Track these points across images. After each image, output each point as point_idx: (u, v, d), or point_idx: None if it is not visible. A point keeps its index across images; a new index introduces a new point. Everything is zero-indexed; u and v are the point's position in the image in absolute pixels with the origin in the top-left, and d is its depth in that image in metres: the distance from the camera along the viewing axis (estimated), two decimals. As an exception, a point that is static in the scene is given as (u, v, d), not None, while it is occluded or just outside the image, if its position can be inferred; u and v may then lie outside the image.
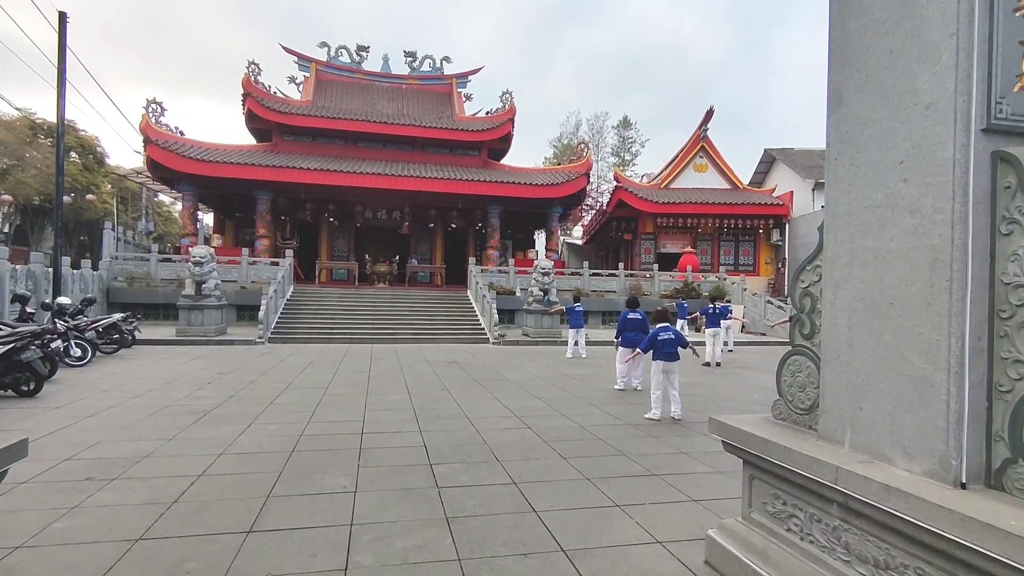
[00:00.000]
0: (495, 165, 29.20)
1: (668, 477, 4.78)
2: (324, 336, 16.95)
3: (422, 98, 31.96)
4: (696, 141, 30.65)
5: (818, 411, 2.86)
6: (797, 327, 3.05)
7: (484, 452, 5.41)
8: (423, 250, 29.95)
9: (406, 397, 8.22)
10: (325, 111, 26.60)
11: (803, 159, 32.06)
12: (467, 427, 6.44)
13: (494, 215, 27.21)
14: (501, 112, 29.02)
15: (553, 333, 18.12)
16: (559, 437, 6.06)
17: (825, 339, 2.72)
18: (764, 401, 8.53)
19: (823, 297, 2.76)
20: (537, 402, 8.08)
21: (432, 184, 24.76)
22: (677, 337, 7.34)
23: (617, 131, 56.86)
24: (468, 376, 10.51)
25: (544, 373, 11.14)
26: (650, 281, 24.76)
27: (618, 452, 5.51)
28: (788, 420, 3.07)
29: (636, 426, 6.68)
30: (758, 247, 29.93)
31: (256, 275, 20.83)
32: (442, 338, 17.83)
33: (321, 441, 5.69)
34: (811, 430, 2.89)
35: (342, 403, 7.67)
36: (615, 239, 32.89)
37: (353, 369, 11.12)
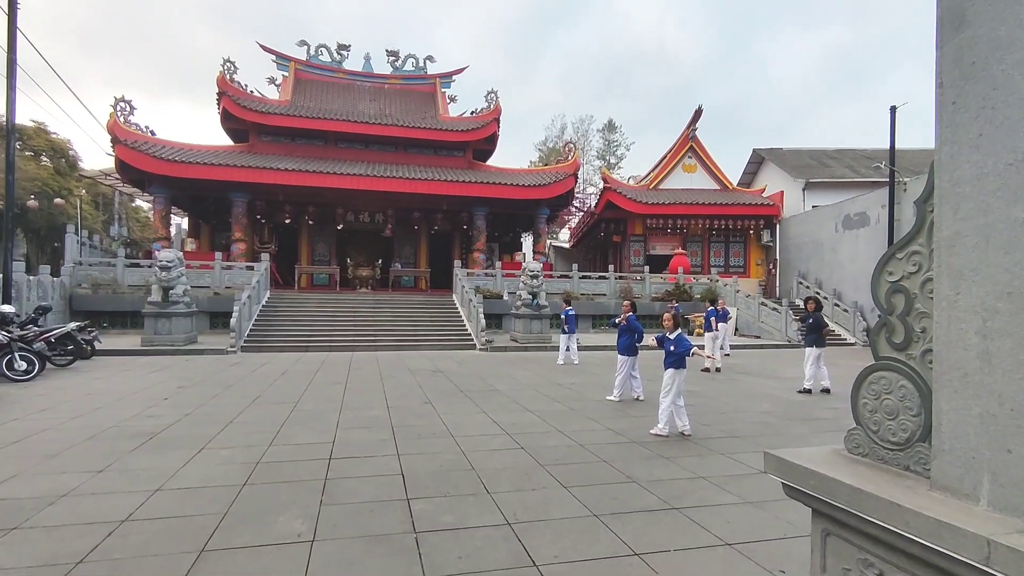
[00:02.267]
0: (480, 166, 28.45)
1: (690, 511, 4.03)
2: (301, 344, 16.03)
3: (405, 98, 31.13)
4: (685, 141, 30.15)
5: (919, 447, 2.14)
6: (883, 335, 2.32)
7: (472, 481, 4.63)
8: (407, 253, 29.09)
9: (384, 412, 7.40)
10: (304, 111, 25.68)
11: (793, 159, 31.72)
12: (452, 448, 5.65)
13: (480, 217, 26.43)
14: (486, 112, 28.29)
15: (543, 338, 17.37)
16: (558, 459, 5.29)
17: (940, 351, 1.99)
18: (777, 412, 7.85)
19: (935, 293, 2.03)
20: (530, 416, 7.30)
21: (416, 185, 23.93)
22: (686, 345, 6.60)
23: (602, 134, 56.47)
24: (453, 386, 9.71)
25: (536, 382, 10.37)
26: (641, 283, 24.12)
27: (628, 478, 4.76)
28: (872, 456, 2.34)
29: (643, 444, 5.93)
30: (748, 248, 29.45)
31: (231, 280, 19.83)
32: (427, 345, 17.00)
33: (281, 470, 4.87)
34: (909, 472, 2.16)
35: (312, 421, 6.83)
36: (603, 241, 32.26)
37: (329, 380, 10.27)
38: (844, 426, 7.17)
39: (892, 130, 19.38)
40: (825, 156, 32.75)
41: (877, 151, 32.03)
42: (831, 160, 32.05)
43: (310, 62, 30.82)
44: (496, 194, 24.79)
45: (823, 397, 9.15)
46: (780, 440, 6.19)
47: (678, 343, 6.53)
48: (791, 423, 7.14)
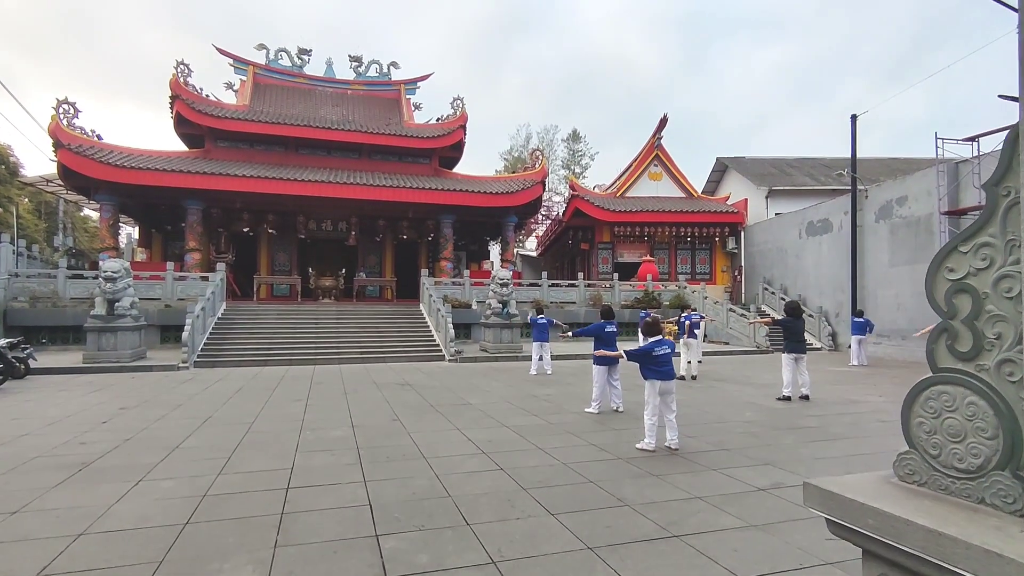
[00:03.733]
0: (447, 173, 27.96)
1: (692, 539, 3.64)
2: (259, 358, 15.19)
3: (369, 104, 30.47)
4: (650, 149, 30.34)
5: (997, 476, 1.79)
6: (944, 342, 1.98)
7: (448, 510, 4.15)
8: (372, 263, 28.30)
9: (349, 432, 6.84)
10: (263, 115, 24.77)
11: (755, 167, 32.26)
12: (424, 471, 5.15)
13: (447, 225, 25.91)
14: (452, 119, 27.86)
15: (514, 348, 16.94)
16: (541, 481, 4.85)
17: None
18: (761, 421, 7.60)
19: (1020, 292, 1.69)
20: (507, 432, 6.85)
21: (380, 192, 23.28)
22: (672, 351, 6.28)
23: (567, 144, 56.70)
24: (423, 401, 9.18)
25: (510, 394, 9.92)
26: (610, 291, 23.97)
27: (619, 501, 4.35)
28: (931, 486, 1.99)
29: (630, 461, 5.55)
30: (714, 255, 29.71)
31: (184, 292, 18.79)
32: (394, 357, 16.36)
33: (230, 504, 4.29)
34: (986, 506, 1.82)
35: (268, 444, 6.22)
36: (571, 249, 32.12)
37: (289, 397, 9.60)
38: (833, 435, 6.96)
39: (853, 138, 19.75)
40: (786, 164, 33.43)
41: (835, 159, 32.89)
42: (791, 168, 32.73)
43: (269, 66, 29.87)
44: (463, 202, 24.33)
45: (804, 404, 8.97)
46: (771, 452, 5.89)
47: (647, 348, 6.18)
48: (778, 433, 6.88)
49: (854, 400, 9.42)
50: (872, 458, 5.70)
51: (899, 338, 17.58)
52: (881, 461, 5.57)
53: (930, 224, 16.39)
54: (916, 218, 17.18)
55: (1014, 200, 1.80)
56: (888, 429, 7.13)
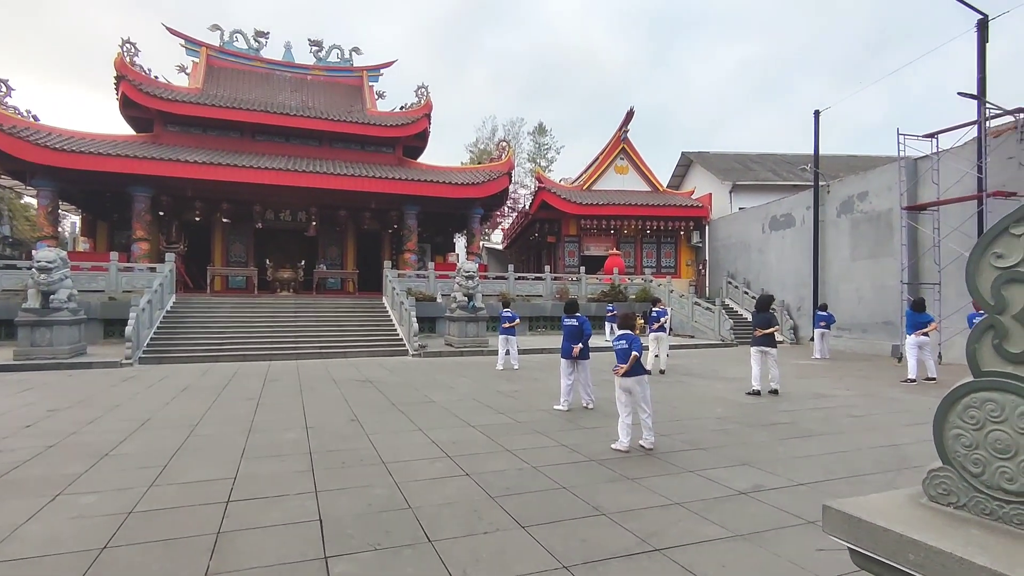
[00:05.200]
0: (411, 163, 27.27)
1: (676, 553, 3.34)
2: (211, 354, 14.40)
3: (330, 91, 29.46)
4: (617, 143, 30.25)
5: (1058, 499, 1.52)
6: (989, 342, 1.69)
7: (408, 525, 3.75)
8: (333, 254, 27.44)
9: (302, 435, 6.35)
10: (217, 100, 23.60)
11: (719, 162, 32.54)
12: (383, 479, 4.74)
13: (411, 216, 25.27)
14: (417, 107, 27.16)
15: (479, 342, 16.56)
16: (510, 488, 4.50)
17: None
18: (732, 417, 7.43)
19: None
20: (473, 432, 6.47)
21: (342, 182, 22.48)
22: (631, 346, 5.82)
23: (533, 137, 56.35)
24: (384, 399, 8.72)
25: (475, 391, 9.54)
26: (577, 284, 23.79)
27: (595, 510, 4.03)
28: (972, 509, 1.70)
29: (602, 463, 5.24)
30: (679, 249, 29.89)
31: (130, 283, 17.72)
32: (354, 352, 15.77)
33: (159, 523, 3.79)
34: (1043, 534, 1.54)
35: (211, 449, 5.69)
36: (538, 242, 31.85)
37: (239, 396, 9.00)
38: (806, 431, 6.82)
39: (816, 133, 19.98)
40: (749, 160, 33.85)
41: (797, 155, 33.46)
42: (754, 164, 33.16)
43: (224, 48, 28.54)
44: (428, 192, 23.74)
45: (773, 399, 8.87)
46: (747, 451, 5.68)
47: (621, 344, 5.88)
48: (751, 429, 6.70)
49: (822, 394, 9.39)
50: (851, 455, 5.55)
51: (860, 331, 17.90)
52: (861, 459, 5.42)
53: (890, 219, 16.68)
54: (877, 213, 17.47)
55: (1084, 172, 1.53)
56: (860, 424, 7.04)
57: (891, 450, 5.81)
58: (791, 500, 4.28)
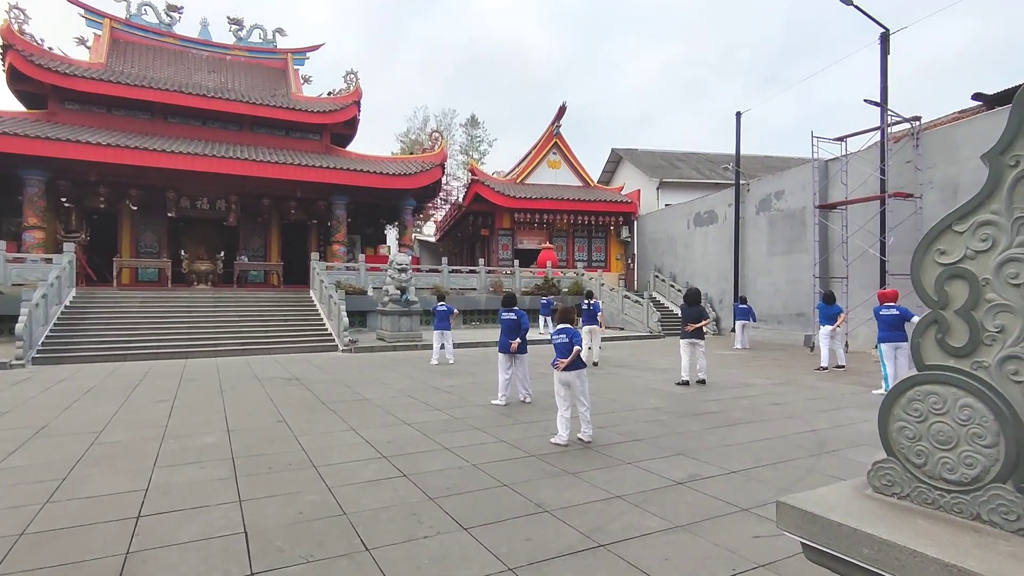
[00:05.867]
0: (340, 152, 26.32)
1: (620, 548, 3.34)
2: (119, 352, 13.31)
3: (252, 73, 27.91)
4: (549, 137, 30.51)
5: (996, 490, 1.56)
6: (932, 336, 1.73)
7: (343, 532, 3.55)
8: (255, 245, 26.08)
9: (224, 438, 5.93)
10: (124, 76, 21.79)
11: (647, 159, 33.53)
12: (314, 484, 4.48)
13: (340, 207, 24.43)
14: (346, 93, 26.22)
15: (413, 336, 16.24)
16: (450, 488, 4.37)
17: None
18: (665, 408, 7.62)
19: None
20: (409, 430, 6.28)
21: (265, 169, 21.37)
22: (572, 340, 5.86)
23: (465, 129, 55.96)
24: (314, 398, 8.34)
25: (410, 387, 9.31)
26: (511, 277, 23.83)
27: (537, 507, 3.97)
28: (916, 499, 1.74)
29: (543, 458, 5.21)
30: (609, 243, 30.59)
31: (22, 276, 16.09)
32: (280, 348, 15.05)
33: (57, 544, 3.39)
34: (983, 524, 1.59)
35: (119, 458, 5.20)
36: (471, 235, 31.69)
37: (151, 398, 8.33)
38: (734, 419, 7.09)
39: (738, 133, 20.92)
40: (674, 158, 35.09)
41: (718, 155, 35.01)
42: (680, 162, 34.42)
43: (131, 21, 26.37)
44: (358, 182, 23.01)
45: (702, 389, 9.20)
46: (681, 441, 5.83)
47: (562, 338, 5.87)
48: (684, 419, 6.89)
49: (746, 383, 9.83)
50: (776, 442, 5.80)
51: (776, 322, 18.96)
52: (785, 445, 5.67)
53: (804, 216, 17.74)
54: (792, 211, 18.53)
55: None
56: (781, 412, 7.40)
57: (811, 435, 6.12)
58: (725, 488, 4.40)
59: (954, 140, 13.51)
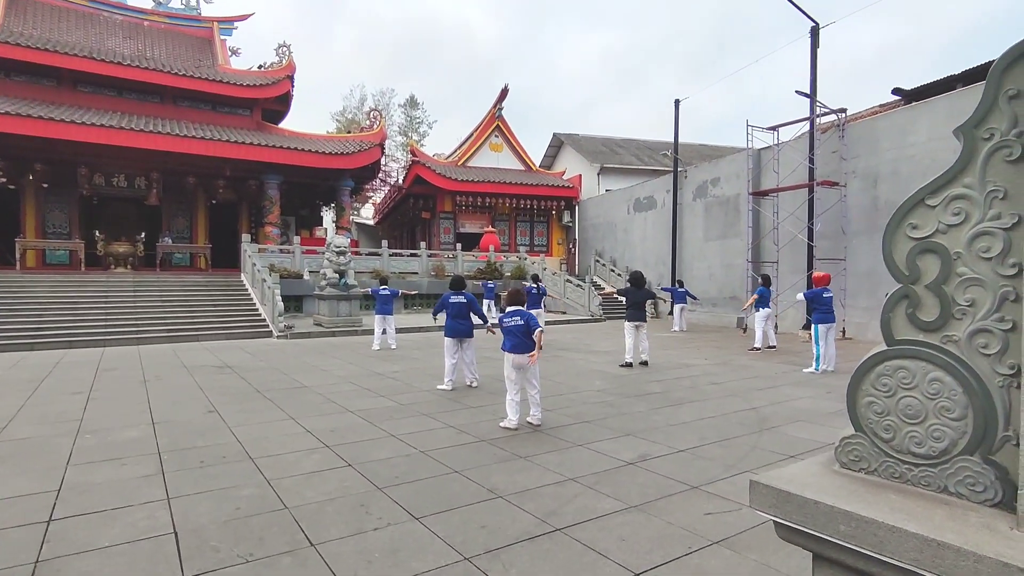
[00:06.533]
0: (272, 129, 25.05)
1: (576, 531, 3.29)
2: (24, 341, 12.21)
3: (173, 41, 26.04)
4: (491, 120, 30.21)
5: (964, 462, 1.58)
6: (903, 310, 1.73)
7: (286, 528, 3.33)
8: (180, 226, 24.54)
9: (148, 432, 5.50)
10: (24, 38, 19.78)
11: (588, 145, 33.81)
12: (252, 477, 4.21)
13: (273, 187, 23.30)
14: (278, 67, 24.90)
15: (352, 321, 15.77)
16: (398, 476, 4.20)
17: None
18: (611, 389, 7.70)
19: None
20: (352, 418, 6.04)
21: (189, 144, 20.03)
22: (528, 323, 5.87)
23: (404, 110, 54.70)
24: (248, 386, 7.90)
25: (351, 373, 9.00)
26: (453, 261, 23.55)
27: (491, 493, 3.88)
28: (883, 473, 1.74)
29: (493, 442, 5.12)
30: (551, 228, 30.75)
31: (-94, 258, 14.44)
32: (209, 334, 14.25)
33: (-49, 556, 3.00)
34: (951, 496, 1.61)
35: (24, 457, 4.71)
36: (412, 218, 31.08)
37: (63, 389, 7.66)
38: (677, 399, 7.24)
39: (676, 121, 21.39)
40: (615, 144, 35.56)
41: (656, 142, 35.74)
42: (620, 148, 34.92)
43: (31, -22, 23.95)
44: (292, 160, 21.99)
45: (645, 370, 9.37)
46: (628, 421, 5.88)
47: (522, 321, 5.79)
48: (630, 400, 6.97)
49: (686, 364, 10.10)
50: (718, 420, 5.95)
51: (711, 305, 19.66)
52: (728, 423, 5.83)
53: (738, 203, 18.38)
54: (727, 197, 19.17)
55: (999, 144, 1.57)
56: (721, 391, 7.63)
57: (751, 413, 6.33)
58: (674, 467, 4.45)
59: (875, 132, 14.28)
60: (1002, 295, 1.53)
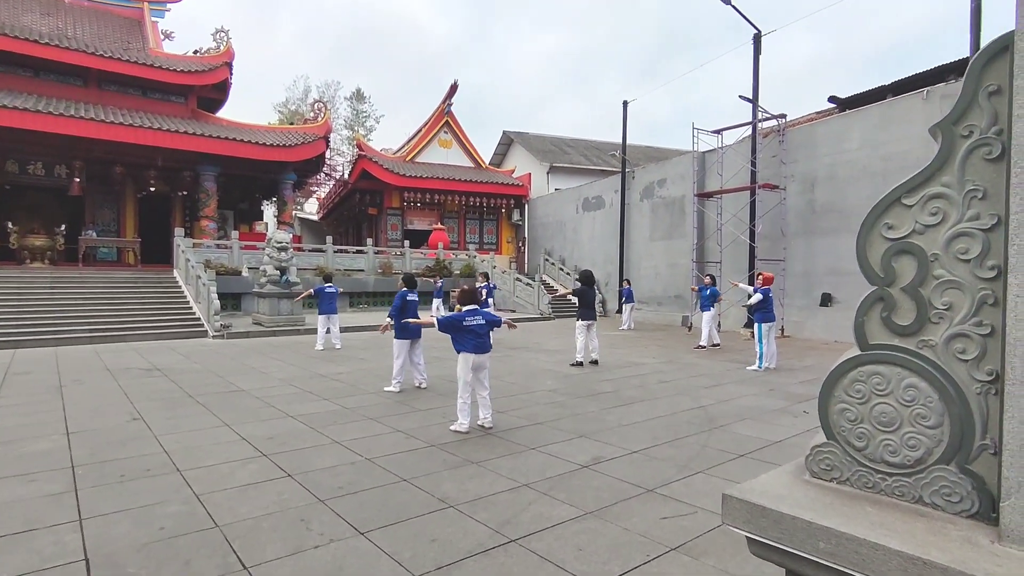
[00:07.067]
0: (209, 118, 23.81)
1: (532, 541, 3.16)
2: (-78, 342, 11.07)
3: (98, 21, 24.36)
4: (440, 116, 29.81)
5: (939, 471, 1.53)
6: (877, 314, 1.66)
7: (217, 549, 3.04)
8: (106, 218, 22.96)
9: (62, 442, 5.01)
10: (-76, 9, 18.01)
11: (538, 143, 33.88)
12: (179, 492, 3.86)
13: (209, 179, 22.16)
14: (216, 54, 23.68)
15: (294, 320, 15.15)
16: (343, 487, 3.95)
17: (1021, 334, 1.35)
18: (562, 389, 7.63)
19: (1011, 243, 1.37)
20: (293, 424, 5.70)
21: (116, 131, 18.75)
22: (490, 321, 5.75)
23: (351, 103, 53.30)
24: (179, 390, 7.39)
25: (293, 375, 8.58)
26: (401, 259, 23.08)
27: (441, 502, 3.69)
28: (856, 483, 1.68)
29: (443, 448, 4.93)
30: (501, 226, 30.65)
31: None
32: (138, 335, 13.35)
33: None
34: (926, 506, 1.55)
35: (-87, 474, 4.18)
36: (358, 214, 30.28)
37: (-35, 397, 6.93)
38: (628, 398, 7.24)
39: (624, 122, 21.69)
40: (563, 144, 35.80)
41: (604, 143, 36.23)
42: (569, 148, 35.18)
43: (-66, -56, 21.85)
44: (230, 152, 20.94)
45: (595, 369, 9.37)
46: (581, 423, 5.81)
47: (456, 318, 5.61)
48: (581, 400, 6.92)
49: (634, 363, 10.17)
50: (669, 420, 5.96)
51: (656, 304, 20.03)
52: (678, 422, 5.84)
53: (684, 204, 18.78)
54: (673, 198, 19.56)
55: (978, 142, 1.53)
56: (670, 389, 7.69)
57: (700, 412, 6.38)
58: (629, 469, 4.39)
59: (813, 138, 14.87)
60: (980, 298, 1.49)
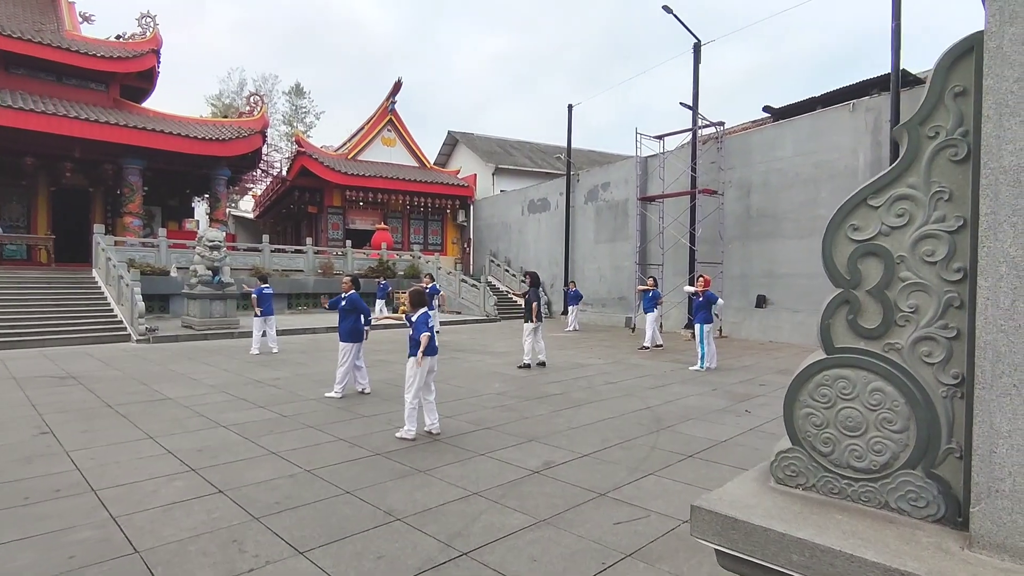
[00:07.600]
0: (133, 107, 22.34)
1: (485, 554, 3.03)
2: None
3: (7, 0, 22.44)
4: (384, 113, 29.24)
5: (905, 476, 1.51)
6: (843, 317, 1.63)
7: None
8: (15, 213, 21.16)
9: (-45, 462, 4.48)
10: None
11: (483, 144, 33.76)
12: (93, 515, 3.50)
13: (133, 172, 20.78)
14: (141, 40, 22.29)
15: (228, 323, 14.39)
16: (280, 502, 3.69)
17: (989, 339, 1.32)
18: (510, 392, 7.54)
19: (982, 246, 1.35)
20: (225, 434, 5.34)
21: (25, 119, 17.29)
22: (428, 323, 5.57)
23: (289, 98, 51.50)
24: (96, 400, 6.80)
25: (226, 381, 8.09)
26: (343, 259, 22.42)
27: (388, 515, 3.50)
28: (822, 489, 1.65)
29: (389, 456, 4.72)
30: (446, 227, 30.35)
31: None
32: (51, 339, 12.31)
33: None
34: (890, 511, 1.53)
35: None
36: (297, 212, 29.28)
37: None
38: (576, 400, 7.22)
39: (569, 125, 21.88)
40: (509, 145, 35.85)
41: (549, 146, 36.53)
42: (514, 149, 35.26)
43: None
44: (158, 144, 19.74)
45: (542, 371, 9.33)
46: (530, 426, 5.73)
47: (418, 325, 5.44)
48: (530, 403, 6.84)
49: (581, 364, 10.21)
50: (617, 421, 5.97)
51: (600, 306, 20.30)
52: (626, 424, 5.86)
53: (627, 208, 19.12)
54: (616, 202, 19.88)
55: (944, 143, 1.52)
56: (616, 390, 7.74)
57: (647, 412, 6.43)
58: (580, 473, 4.33)
59: (749, 145, 15.44)
60: (947, 301, 1.47)
